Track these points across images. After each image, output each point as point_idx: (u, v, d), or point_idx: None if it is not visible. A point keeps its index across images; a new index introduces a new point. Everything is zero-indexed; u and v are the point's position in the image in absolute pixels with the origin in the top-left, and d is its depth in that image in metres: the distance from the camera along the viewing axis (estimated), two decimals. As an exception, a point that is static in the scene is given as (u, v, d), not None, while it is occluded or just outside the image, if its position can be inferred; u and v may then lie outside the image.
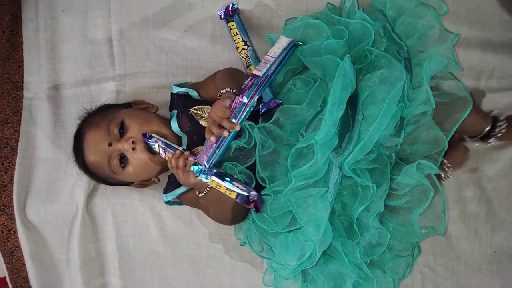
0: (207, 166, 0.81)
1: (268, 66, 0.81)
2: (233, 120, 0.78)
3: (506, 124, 0.95)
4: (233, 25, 1.00)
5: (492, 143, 0.96)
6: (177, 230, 1.08)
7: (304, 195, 0.82)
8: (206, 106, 0.92)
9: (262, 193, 0.87)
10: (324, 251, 0.87)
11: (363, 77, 0.82)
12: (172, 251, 1.09)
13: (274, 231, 0.87)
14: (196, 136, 0.92)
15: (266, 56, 0.84)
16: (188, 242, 1.08)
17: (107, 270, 1.11)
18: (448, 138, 0.82)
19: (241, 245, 0.99)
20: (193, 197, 0.94)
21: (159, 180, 1.01)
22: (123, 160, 0.91)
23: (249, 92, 0.78)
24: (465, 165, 0.98)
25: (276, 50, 0.83)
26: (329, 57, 0.81)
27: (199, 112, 0.92)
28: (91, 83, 1.10)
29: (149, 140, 0.87)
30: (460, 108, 0.83)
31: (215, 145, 0.80)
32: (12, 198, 1.06)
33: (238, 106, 0.78)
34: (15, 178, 1.07)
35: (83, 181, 1.05)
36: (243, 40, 1.00)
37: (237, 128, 0.78)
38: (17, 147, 1.08)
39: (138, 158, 0.90)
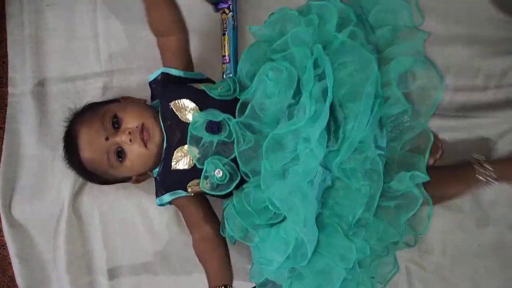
0: None
1: None
2: None
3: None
4: None
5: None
6: (165, 228, 1.07)
7: (288, 190, 0.81)
8: (188, 100, 0.90)
9: (244, 187, 0.87)
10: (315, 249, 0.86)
11: (334, 65, 0.82)
12: (160, 249, 1.08)
13: (255, 223, 0.86)
14: (175, 135, 0.90)
15: None
16: (176, 240, 1.07)
17: (95, 269, 1.10)
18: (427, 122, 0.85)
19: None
20: (181, 202, 0.96)
21: None
22: (120, 154, 0.90)
23: None
24: None
25: None
26: (296, 49, 0.81)
27: (178, 106, 0.90)
28: (77, 79, 1.08)
29: None
30: (431, 92, 0.85)
31: None
32: (-3, 196, 1.05)
33: None
34: (0, 175, 1.05)
35: (70, 178, 1.04)
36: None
37: None
38: (2, 145, 1.07)
39: (135, 150, 0.89)
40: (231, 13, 0.99)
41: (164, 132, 0.91)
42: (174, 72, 0.96)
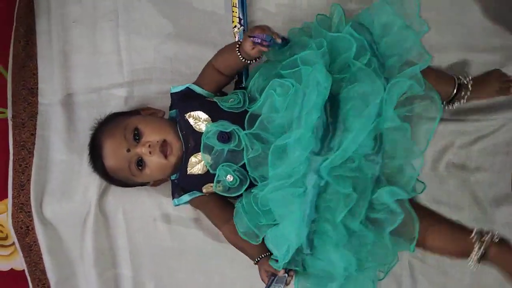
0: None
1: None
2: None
3: (471, 83, 0.97)
4: None
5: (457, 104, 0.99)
6: (183, 225, 1.12)
7: (283, 194, 0.86)
8: (201, 112, 0.95)
9: (252, 190, 0.92)
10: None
11: (346, 87, 0.87)
12: (178, 245, 1.13)
13: (261, 223, 0.92)
14: (190, 143, 0.96)
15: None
16: (193, 236, 1.12)
17: (119, 263, 1.15)
18: (423, 151, 0.86)
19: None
20: (199, 201, 1.02)
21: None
22: (140, 163, 0.96)
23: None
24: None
25: None
26: (303, 68, 0.86)
27: (194, 117, 0.96)
28: (101, 90, 1.14)
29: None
30: (429, 118, 0.86)
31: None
32: (29, 197, 1.10)
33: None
34: (32, 178, 1.11)
35: (95, 180, 1.09)
36: (238, 17, 1.03)
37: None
38: (33, 150, 1.12)
39: (154, 161, 0.95)
40: (242, 27, 1.03)
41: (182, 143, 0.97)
42: (198, 90, 1.01)
